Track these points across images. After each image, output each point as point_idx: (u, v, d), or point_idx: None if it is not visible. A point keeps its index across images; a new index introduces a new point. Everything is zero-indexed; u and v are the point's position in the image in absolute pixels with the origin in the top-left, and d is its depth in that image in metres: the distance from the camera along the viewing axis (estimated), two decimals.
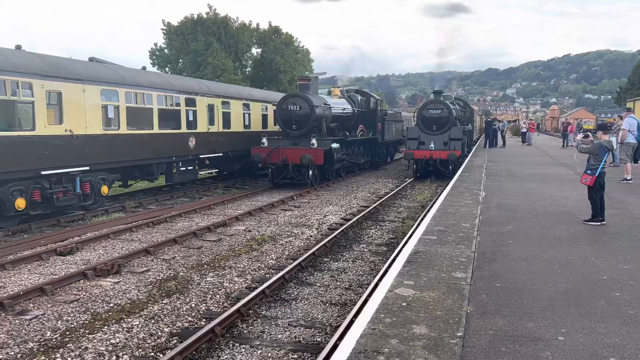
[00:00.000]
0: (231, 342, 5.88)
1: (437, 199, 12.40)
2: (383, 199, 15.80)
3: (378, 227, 12.16)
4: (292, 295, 7.45)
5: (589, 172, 8.52)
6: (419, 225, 10.02)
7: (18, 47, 11.69)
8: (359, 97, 24.52)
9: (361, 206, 14.78)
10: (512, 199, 11.10)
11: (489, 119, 38.23)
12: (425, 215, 11.20)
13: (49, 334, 5.91)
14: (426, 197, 16.35)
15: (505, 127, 41.45)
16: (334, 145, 18.38)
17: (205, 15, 40.08)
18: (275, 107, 20.74)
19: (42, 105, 11.11)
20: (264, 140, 18.20)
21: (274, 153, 17.61)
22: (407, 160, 22.09)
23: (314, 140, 17.61)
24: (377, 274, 7.94)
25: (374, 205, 14.44)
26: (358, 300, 6.87)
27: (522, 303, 4.86)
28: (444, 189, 13.99)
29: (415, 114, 23.26)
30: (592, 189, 8.49)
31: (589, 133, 10.24)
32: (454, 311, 4.51)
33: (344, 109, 21.76)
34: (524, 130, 38.05)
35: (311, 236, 11.01)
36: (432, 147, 20.89)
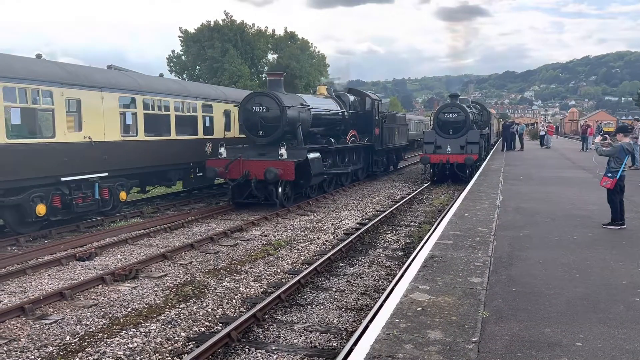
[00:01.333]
0: (247, 346, 5.90)
1: (453, 203, 12.33)
2: (399, 203, 15.75)
3: (394, 231, 12.12)
4: (308, 300, 7.46)
5: (609, 174, 8.40)
6: (435, 229, 9.98)
7: (38, 56, 11.92)
8: (351, 98, 20.86)
9: (377, 210, 14.74)
10: (529, 203, 10.99)
11: (507, 122, 37.92)
12: (441, 220, 11.15)
13: (68, 338, 6.00)
14: (443, 202, 16.26)
15: (523, 130, 41.05)
16: (312, 155, 15.00)
17: (221, 22, 40.43)
18: None
19: (62, 113, 11.30)
20: (222, 150, 14.72)
21: (234, 166, 14.23)
22: (424, 164, 21.98)
23: (282, 150, 14.04)
24: (393, 279, 7.92)
25: (390, 210, 14.40)
26: (374, 305, 6.86)
27: (539, 308, 4.81)
28: (461, 193, 13.90)
29: (432, 118, 23.14)
30: (612, 192, 8.38)
31: (607, 135, 10.12)
32: (469, 316, 4.49)
33: (329, 110, 18.15)
34: (542, 133, 37.64)
35: (327, 241, 11.01)
36: (448, 151, 20.77)
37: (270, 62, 43.09)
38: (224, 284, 8.08)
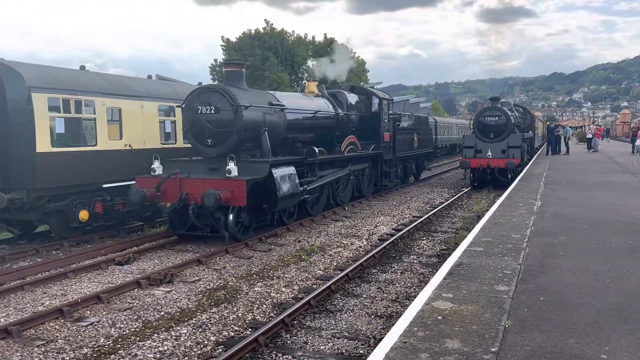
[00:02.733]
0: (274, 352, 5.96)
1: (488, 210, 12.10)
2: (437, 209, 15.56)
3: (430, 237, 12.00)
4: (338, 306, 7.47)
5: None
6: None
7: (82, 67, 12.42)
8: (352, 97, 17.20)
9: (414, 216, 14.61)
10: (569, 209, 10.68)
11: (552, 125, 36.89)
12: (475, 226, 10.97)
13: (102, 340, 6.22)
14: (482, 207, 15.96)
15: (569, 134, 39.85)
16: (281, 170, 11.48)
17: (262, 31, 41.02)
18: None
19: (104, 122, 11.73)
20: (156, 164, 11.31)
21: (168, 186, 10.78)
22: (464, 169, 21.64)
23: (231, 165, 10.57)
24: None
25: (427, 216, 14.25)
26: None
27: (566, 318, 4.68)
28: (499, 198, 13.63)
29: (472, 122, 22.76)
30: None
31: None
32: (491, 325, 4.42)
33: (315, 112, 14.52)
34: (590, 136, 36.45)
35: (360, 247, 11.00)
36: (489, 155, 20.38)
37: (309, 69, 43.44)
38: (255, 289, 8.19)
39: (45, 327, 6.61)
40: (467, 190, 20.46)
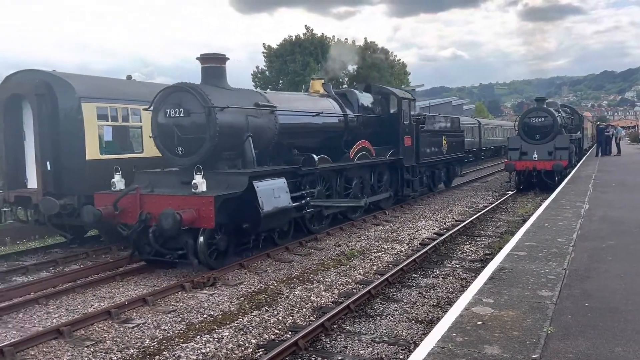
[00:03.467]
0: (314, 355, 6.00)
1: (532, 213, 11.80)
2: (481, 212, 15.29)
3: (473, 242, 11.80)
4: (378, 311, 7.45)
5: None
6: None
7: (129, 77, 12.85)
8: (366, 97, 15.43)
9: (456, 220, 14.40)
10: (618, 212, 10.31)
11: (601, 126, 35.67)
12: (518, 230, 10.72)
13: (147, 342, 6.40)
14: (528, 211, 15.58)
15: (621, 134, 38.41)
16: (265, 183, 9.75)
17: (302, 37, 41.35)
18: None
19: (149, 129, 12.06)
20: (116, 178, 9.90)
21: (128, 204, 9.27)
22: (509, 171, 21.18)
23: (198, 178, 8.90)
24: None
25: (470, 220, 14.02)
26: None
27: (613, 325, 4.53)
28: (545, 201, 13.28)
29: (517, 123, 22.25)
30: None
31: None
32: (532, 332, 4.32)
33: (318, 113, 12.76)
34: None
35: (401, 251, 10.93)
36: (535, 157, 19.92)
37: (350, 73, 43.51)
38: (295, 292, 8.26)
39: (94, 327, 6.86)
40: (512, 193, 20.02)
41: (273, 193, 9.77)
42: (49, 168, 10.84)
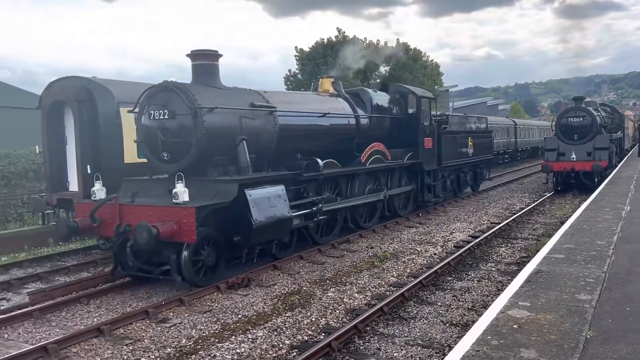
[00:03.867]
0: (347, 357, 6.02)
1: (571, 215, 11.53)
2: (517, 214, 15.03)
3: (509, 244, 11.61)
4: (411, 313, 7.41)
5: None
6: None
7: None
8: (381, 97, 14.45)
9: (492, 222, 14.19)
10: None
11: None
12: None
13: (184, 341, 6.53)
14: (566, 213, 15.23)
15: None
16: (260, 191, 8.89)
17: (334, 39, 41.42)
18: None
19: None
20: (97, 186, 9.21)
21: (107, 215, 8.57)
22: (546, 173, 20.75)
23: (179, 187, 8.09)
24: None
25: (506, 222, 13.80)
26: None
27: None
28: (583, 203, 12.97)
29: (554, 123, 21.79)
30: None
31: None
32: (571, 336, 4.24)
33: (324, 114, 11.81)
34: None
35: (435, 254, 10.83)
36: (573, 158, 19.49)
37: (382, 75, 43.35)
38: (328, 294, 8.29)
39: (132, 326, 7.03)
40: (549, 195, 19.61)
41: (268, 202, 8.88)
42: (89, 171, 11.16)
